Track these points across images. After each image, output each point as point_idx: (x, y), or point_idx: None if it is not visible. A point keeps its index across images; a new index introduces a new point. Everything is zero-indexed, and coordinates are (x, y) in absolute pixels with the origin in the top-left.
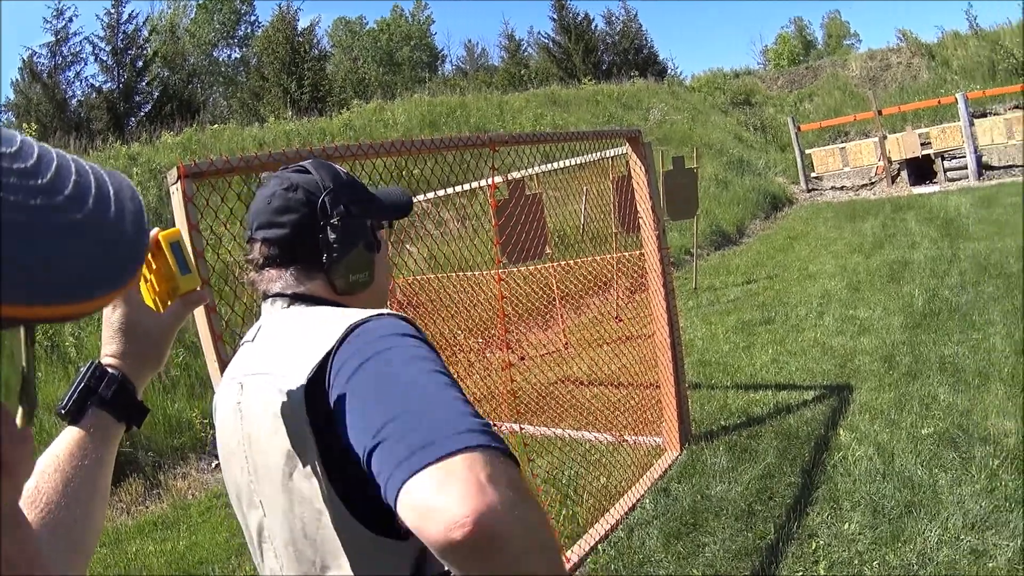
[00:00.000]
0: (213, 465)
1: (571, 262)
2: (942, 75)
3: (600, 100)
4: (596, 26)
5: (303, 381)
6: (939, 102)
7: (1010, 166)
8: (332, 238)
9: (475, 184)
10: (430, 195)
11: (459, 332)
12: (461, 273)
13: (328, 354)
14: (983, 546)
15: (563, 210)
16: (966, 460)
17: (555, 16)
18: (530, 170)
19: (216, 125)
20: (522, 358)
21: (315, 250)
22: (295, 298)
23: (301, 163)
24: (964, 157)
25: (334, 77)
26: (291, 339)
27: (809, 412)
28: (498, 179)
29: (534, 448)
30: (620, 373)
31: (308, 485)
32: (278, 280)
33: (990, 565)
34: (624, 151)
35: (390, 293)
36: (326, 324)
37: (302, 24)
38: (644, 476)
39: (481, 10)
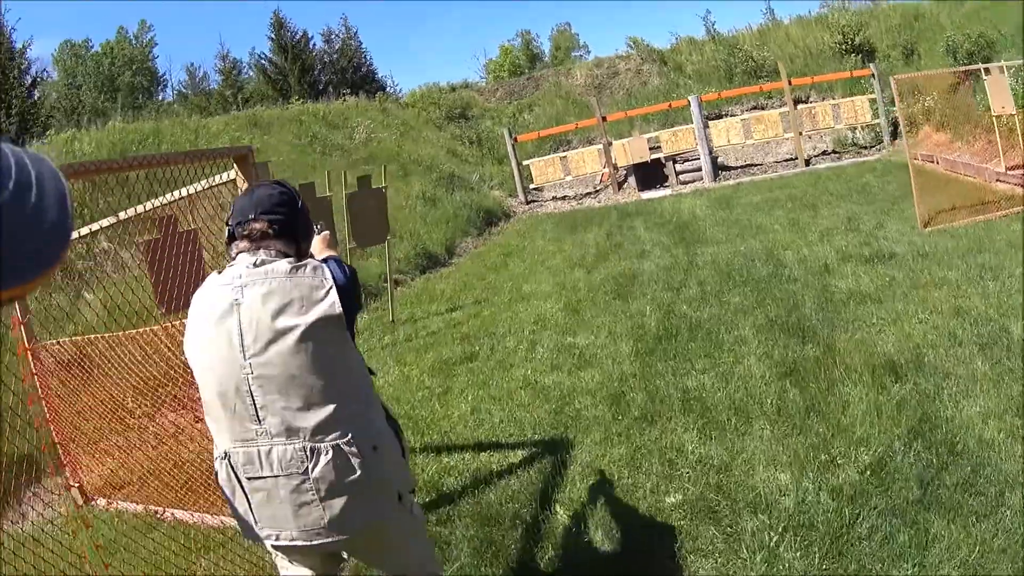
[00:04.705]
0: None
1: None
2: (675, 80)
3: (304, 120)
4: (315, 45)
5: (332, 283)
6: (670, 106)
7: (748, 165)
8: (304, 226)
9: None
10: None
11: (129, 395)
12: (128, 332)
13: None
14: None
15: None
16: (733, 538)
17: (273, 36)
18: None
19: None
20: (198, 420)
21: (295, 231)
22: (284, 255)
23: (278, 180)
24: (698, 159)
25: (43, 103)
26: (301, 273)
27: (516, 482)
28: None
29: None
30: None
31: (331, 342)
32: (274, 246)
33: None
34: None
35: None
36: (317, 268)
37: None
38: None
39: (204, 33)
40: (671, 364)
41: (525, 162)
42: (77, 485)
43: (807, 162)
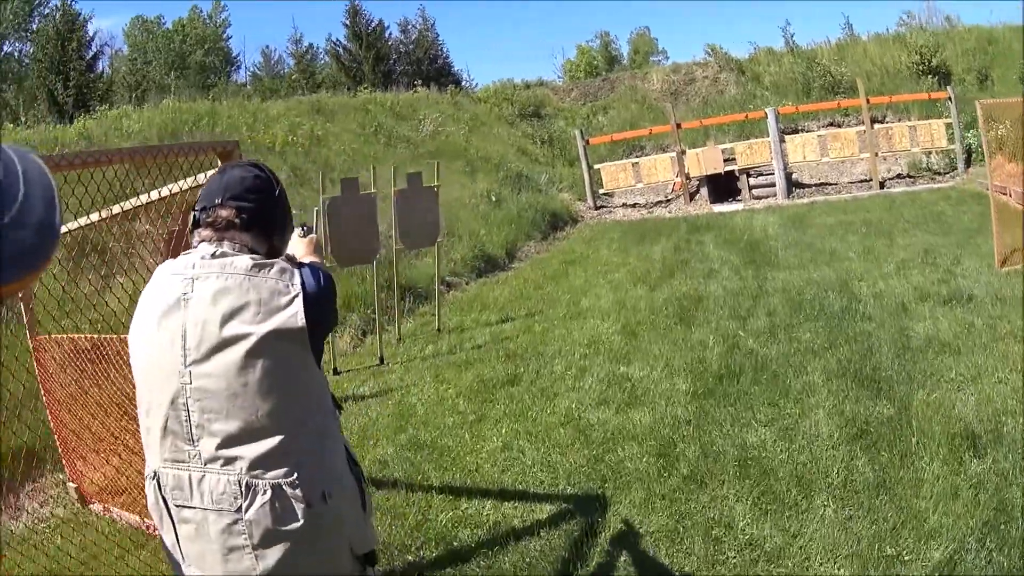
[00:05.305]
0: None
1: None
2: (752, 90)
3: (371, 109)
4: (390, 34)
5: (299, 291)
6: (746, 116)
7: (823, 184)
8: (281, 219)
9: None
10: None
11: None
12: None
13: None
14: None
15: None
16: None
17: (347, 23)
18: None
19: None
20: None
21: (268, 223)
22: (251, 251)
23: (255, 162)
24: (772, 174)
25: (104, 77)
26: (264, 273)
27: (536, 546)
28: None
29: None
30: None
31: (287, 360)
32: (239, 238)
33: None
34: None
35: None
36: (285, 270)
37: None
38: None
39: (281, 16)
40: (730, 411)
41: (596, 166)
42: (75, 486)
43: (881, 185)
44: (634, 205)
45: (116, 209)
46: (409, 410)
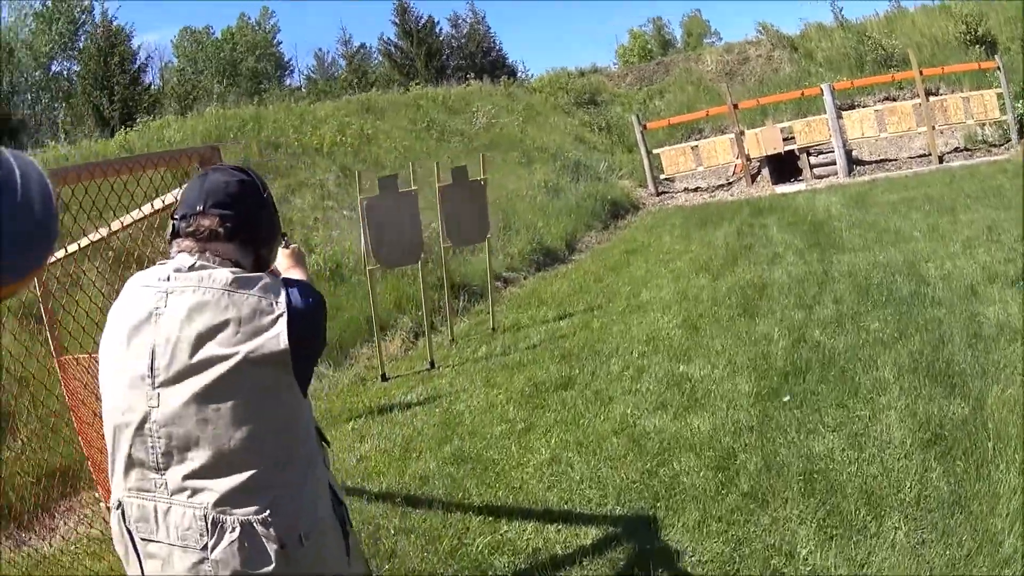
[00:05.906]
0: None
1: None
2: (806, 67)
3: (423, 105)
4: (441, 30)
5: (284, 310)
6: (803, 94)
7: (882, 160)
8: (268, 228)
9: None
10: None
11: None
12: None
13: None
14: None
15: None
16: None
17: (397, 20)
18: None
19: None
20: None
21: (253, 232)
22: (235, 264)
23: (238, 166)
24: (832, 152)
25: (150, 90)
26: (246, 289)
27: None
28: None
29: None
30: None
31: (267, 386)
32: (221, 250)
33: None
34: None
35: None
36: (270, 287)
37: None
38: None
39: (331, 18)
40: (796, 415)
41: (655, 151)
42: (107, 505)
43: (940, 159)
44: (696, 189)
45: (115, 225)
46: (456, 419)
